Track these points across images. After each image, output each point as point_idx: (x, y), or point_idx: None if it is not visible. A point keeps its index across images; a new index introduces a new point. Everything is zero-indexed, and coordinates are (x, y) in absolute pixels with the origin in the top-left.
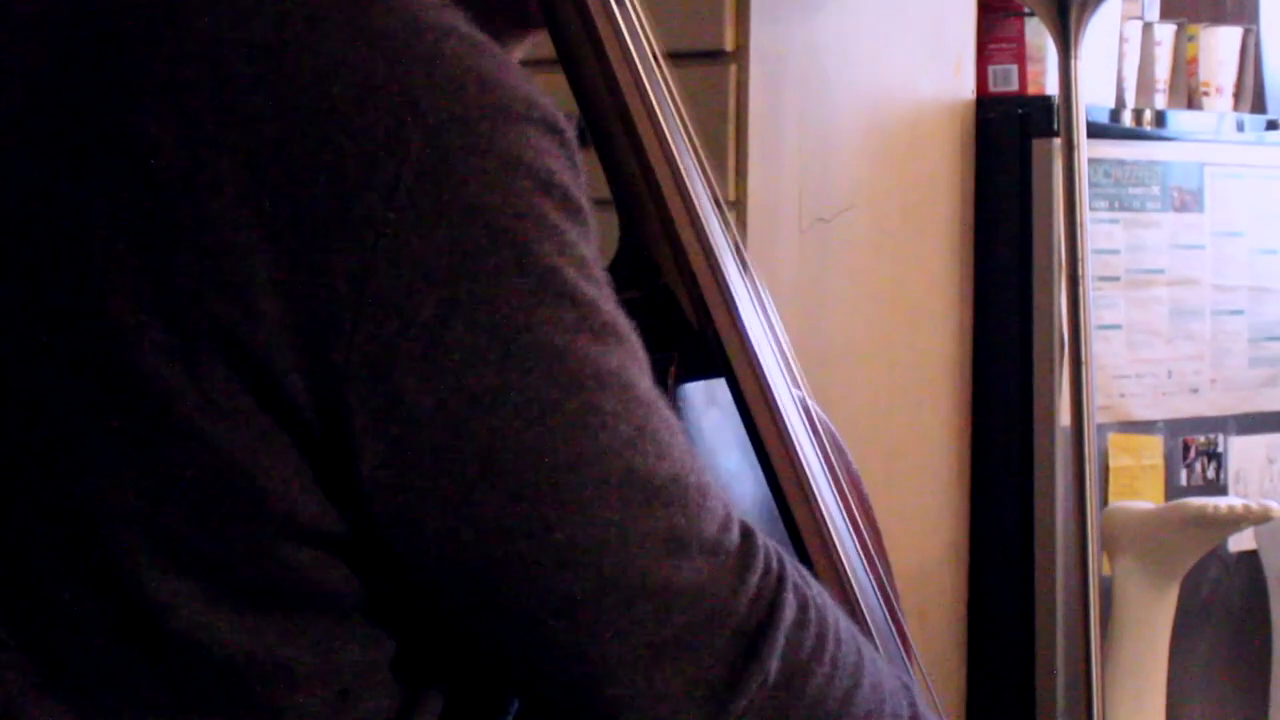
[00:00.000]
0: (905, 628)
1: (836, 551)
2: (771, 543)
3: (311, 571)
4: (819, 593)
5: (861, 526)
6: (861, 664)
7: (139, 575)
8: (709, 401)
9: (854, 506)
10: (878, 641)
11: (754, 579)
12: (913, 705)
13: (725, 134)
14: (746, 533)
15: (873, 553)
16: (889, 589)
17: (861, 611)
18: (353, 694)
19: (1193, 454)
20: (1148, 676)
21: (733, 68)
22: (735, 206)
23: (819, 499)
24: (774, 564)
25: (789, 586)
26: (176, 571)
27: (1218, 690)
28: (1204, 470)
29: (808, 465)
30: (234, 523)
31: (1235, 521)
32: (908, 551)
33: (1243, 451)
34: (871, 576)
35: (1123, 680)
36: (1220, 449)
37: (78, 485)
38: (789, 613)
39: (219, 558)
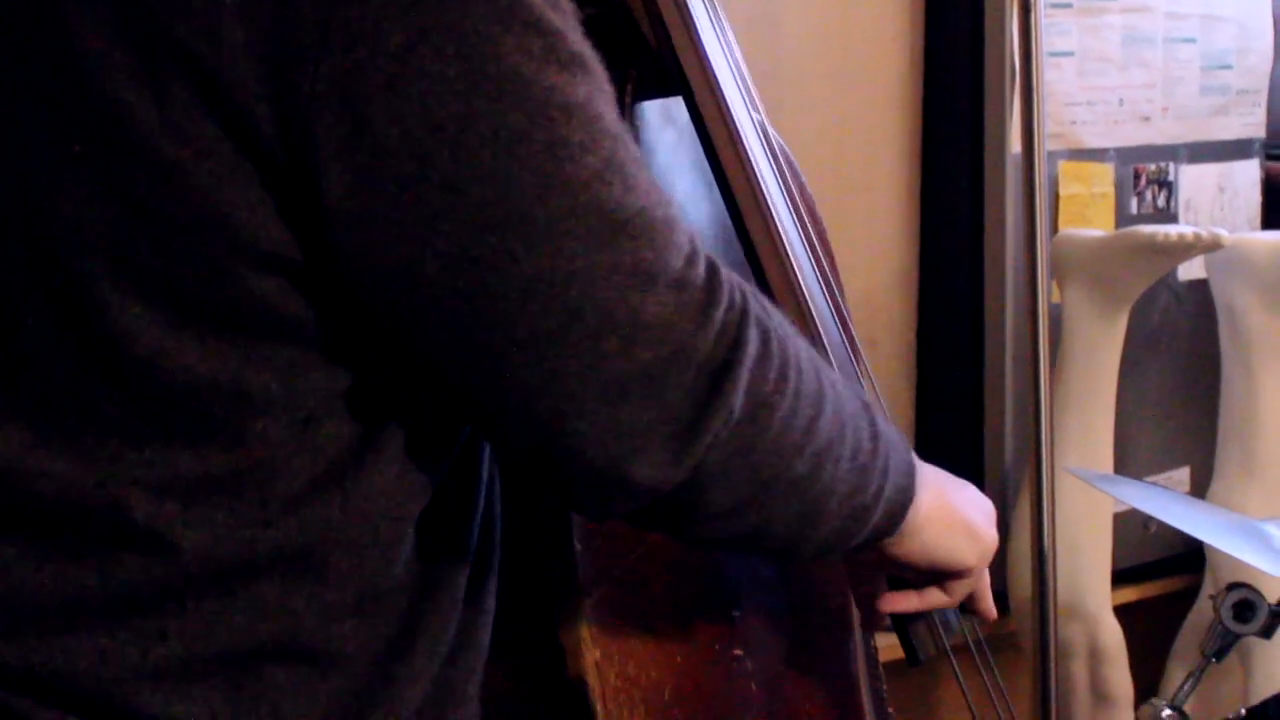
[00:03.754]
0: (860, 351)
1: (795, 274)
2: (734, 275)
3: (273, 298)
4: (780, 323)
5: (818, 250)
6: (823, 391)
7: (102, 300)
8: (665, 121)
9: (810, 230)
10: (834, 364)
11: (718, 314)
12: (873, 424)
13: None
14: (711, 267)
15: (829, 276)
16: (845, 313)
17: (819, 334)
18: (315, 420)
19: (1143, 182)
20: (1097, 404)
21: None
22: None
23: (777, 219)
24: (737, 298)
25: (751, 321)
26: (139, 297)
27: (1167, 420)
28: (1154, 199)
29: (765, 185)
30: (196, 248)
31: (1185, 249)
32: (857, 279)
33: (1193, 180)
34: (829, 300)
35: (1072, 408)
36: (1171, 177)
37: (41, 211)
38: (752, 348)
39: (182, 283)
